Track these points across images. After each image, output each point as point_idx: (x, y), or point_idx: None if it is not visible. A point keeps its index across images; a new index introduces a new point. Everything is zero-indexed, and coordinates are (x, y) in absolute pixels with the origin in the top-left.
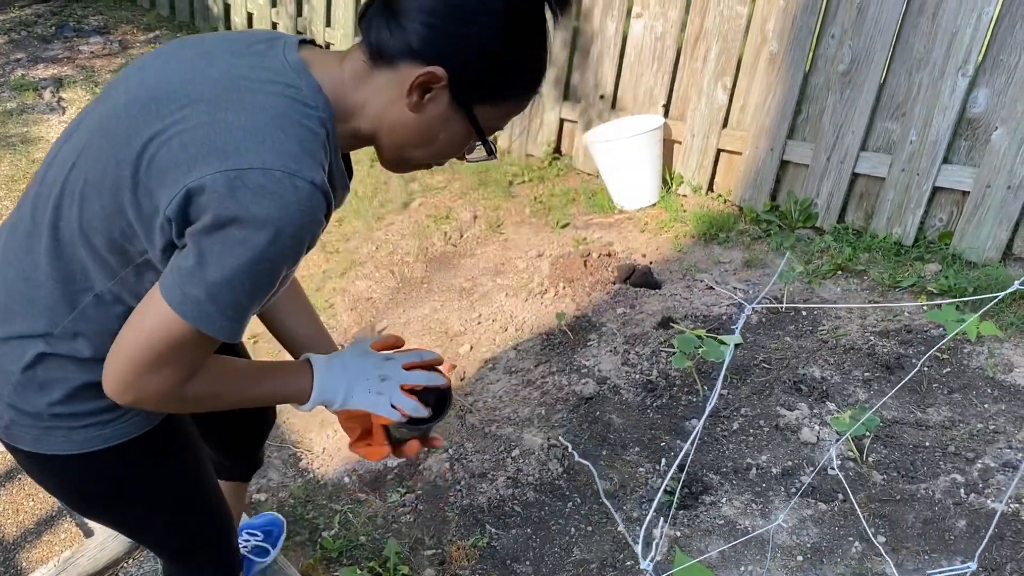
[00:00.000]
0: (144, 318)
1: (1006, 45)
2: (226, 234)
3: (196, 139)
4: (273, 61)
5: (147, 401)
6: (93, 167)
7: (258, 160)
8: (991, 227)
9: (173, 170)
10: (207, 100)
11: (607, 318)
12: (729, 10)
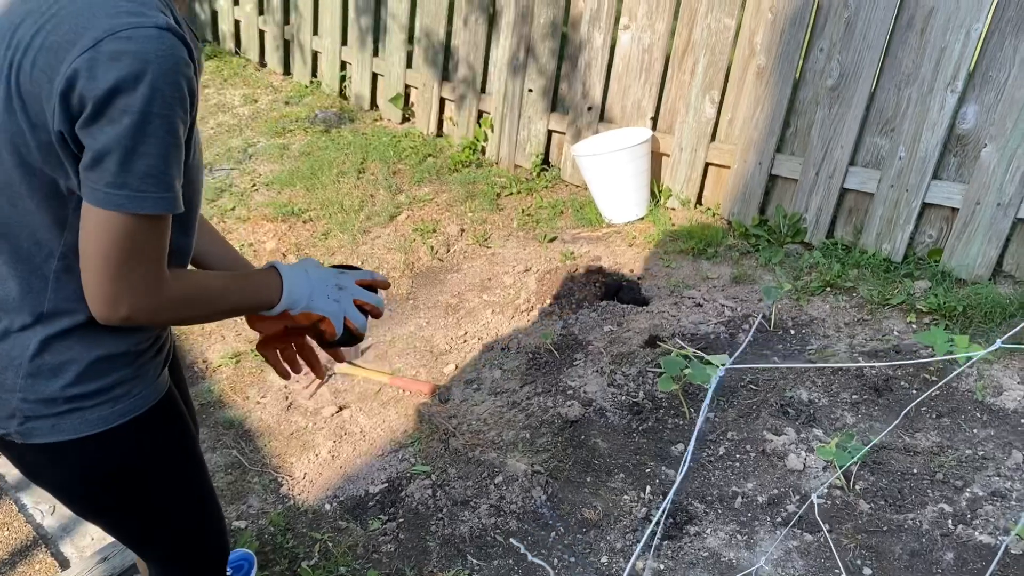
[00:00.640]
0: (90, 235)
1: (995, 61)
2: (109, 114)
3: (45, 47)
4: None
5: (139, 309)
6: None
7: (101, 30)
8: (981, 245)
9: (43, 86)
10: (33, 11)
11: (594, 336)
12: (717, 23)
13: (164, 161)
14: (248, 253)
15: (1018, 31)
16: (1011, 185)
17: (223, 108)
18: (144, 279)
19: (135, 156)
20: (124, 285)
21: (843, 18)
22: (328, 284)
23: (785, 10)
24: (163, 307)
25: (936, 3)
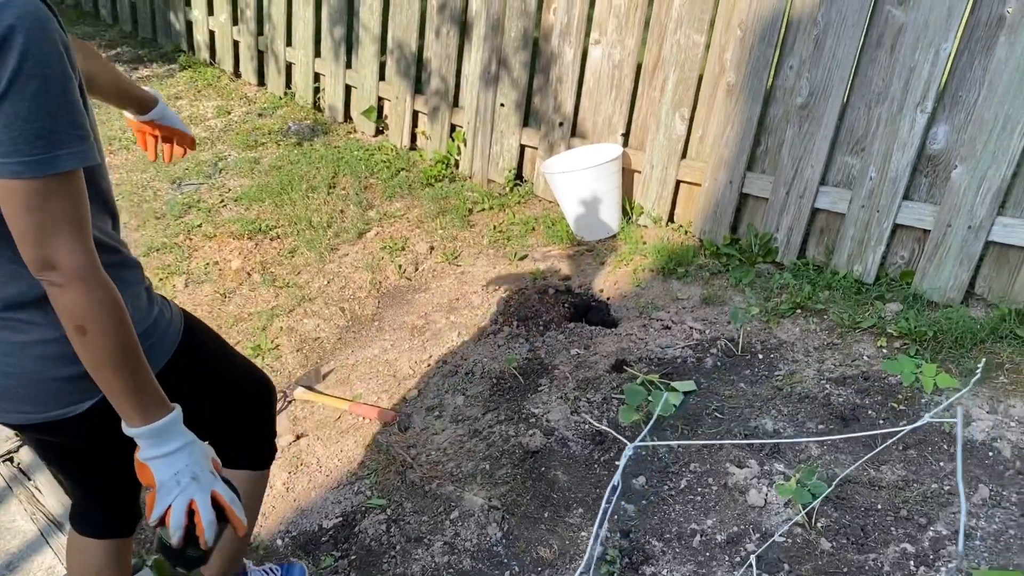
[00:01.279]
0: (13, 207)
1: (965, 81)
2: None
3: None
4: None
5: (81, 267)
6: None
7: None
8: (952, 267)
9: None
10: None
11: (560, 360)
12: (686, 39)
13: (54, 120)
14: (213, 272)
15: (987, 51)
16: (982, 207)
17: (196, 120)
18: (74, 239)
19: (29, 123)
20: (61, 247)
21: (812, 35)
22: (191, 467)
23: (754, 27)
24: (96, 276)
25: (905, 21)
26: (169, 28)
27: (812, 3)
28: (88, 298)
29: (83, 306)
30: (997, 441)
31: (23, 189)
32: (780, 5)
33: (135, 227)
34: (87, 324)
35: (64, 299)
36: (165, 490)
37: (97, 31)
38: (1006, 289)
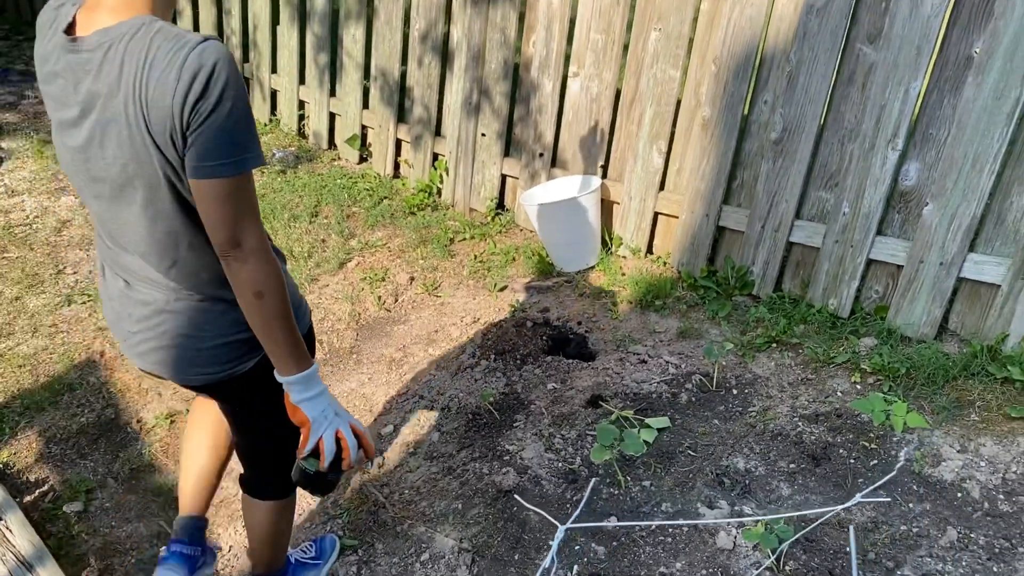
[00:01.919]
0: (211, 200)
1: (935, 119)
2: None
3: None
4: None
5: (260, 244)
6: None
7: None
8: (925, 303)
9: None
10: None
11: (536, 395)
12: (662, 73)
13: (249, 132)
14: None
15: (956, 91)
16: (953, 244)
17: None
18: (256, 224)
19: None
20: (249, 231)
21: (785, 72)
22: (333, 405)
23: (728, 63)
24: (270, 259)
25: (876, 60)
26: None
27: (785, 40)
28: (265, 269)
29: (262, 275)
30: (966, 481)
31: (221, 185)
32: (753, 42)
33: None
34: (264, 289)
35: (246, 270)
36: (316, 424)
37: None
38: (978, 325)
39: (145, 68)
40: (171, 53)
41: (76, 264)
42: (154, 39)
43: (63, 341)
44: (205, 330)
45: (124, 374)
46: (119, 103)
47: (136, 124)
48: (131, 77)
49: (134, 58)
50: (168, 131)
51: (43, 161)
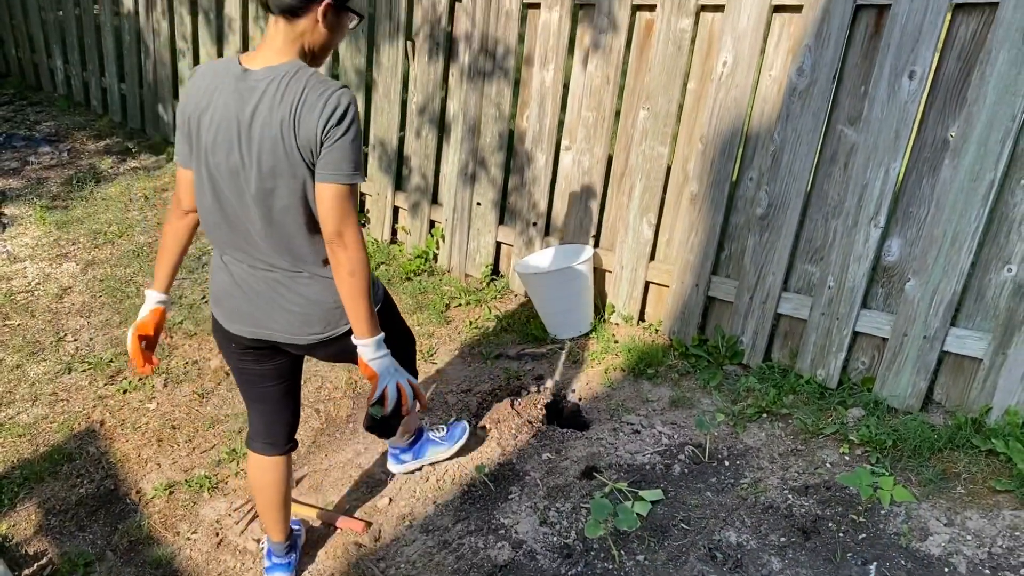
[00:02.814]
0: (330, 201)
1: (915, 198)
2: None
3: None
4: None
5: (357, 237)
6: None
7: None
8: (910, 375)
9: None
10: None
11: (531, 465)
12: (651, 150)
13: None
14: (192, 371)
15: (934, 171)
16: (935, 319)
17: None
18: (355, 223)
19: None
20: (350, 226)
21: (769, 151)
22: (394, 364)
23: (714, 141)
24: (361, 250)
25: (856, 141)
26: (158, 120)
27: (769, 121)
28: (358, 255)
29: (356, 259)
30: (953, 556)
31: (336, 189)
32: (738, 122)
33: (117, 323)
34: (356, 270)
35: (345, 255)
36: (382, 378)
37: (87, 121)
38: (962, 397)
39: (301, 99)
40: (319, 92)
41: (77, 331)
42: (308, 80)
43: (63, 410)
44: (315, 301)
45: (123, 443)
46: (277, 120)
47: (288, 136)
48: (289, 103)
49: (292, 90)
50: (309, 145)
51: (45, 227)
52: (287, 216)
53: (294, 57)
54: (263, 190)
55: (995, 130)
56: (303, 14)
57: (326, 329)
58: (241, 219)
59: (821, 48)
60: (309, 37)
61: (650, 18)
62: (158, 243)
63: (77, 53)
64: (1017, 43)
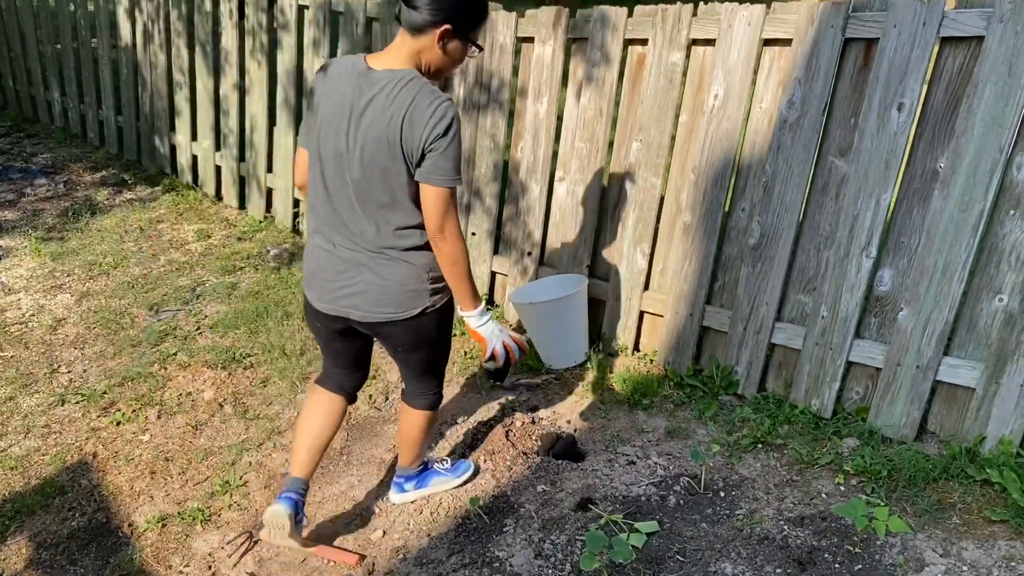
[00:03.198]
0: (434, 201)
1: (906, 228)
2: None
3: None
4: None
5: (456, 232)
6: None
7: None
8: (904, 405)
9: None
10: None
11: (526, 497)
12: (644, 180)
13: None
14: (186, 403)
15: (924, 202)
16: (928, 348)
17: (175, 245)
18: (455, 217)
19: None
20: (451, 221)
21: (761, 181)
22: (497, 326)
23: (706, 172)
24: (460, 239)
25: (847, 172)
26: (154, 151)
27: (760, 152)
28: (459, 247)
29: (457, 251)
30: None
31: (439, 191)
32: (730, 153)
33: (111, 355)
34: (457, 259)
35: (447, 247)
36: (489, 341)
37: (84, 152)
38: (956, 427)
39: (412, 103)
40: (429, 100)
41: (71, 363)
42: (421, 88)
43: (56, 442)
44: (391, 281)
45: (116, 476)
46: (387, 116)
47: (393, 134)
48: (402, 105)
49: (405, 95)
50: (412, 147)
51: (40, 259)
52: (377, 202)
53: (412, 67)
54: (361, 176)
55: (983, 161)
56: (425, 32)
57: (398, 310)
58: (338, 198)
59: (811, 81)
60: (427, 54)
61: (642, 52)
62: (152, 274)
63: (75, 85)
64: (1003, 76)
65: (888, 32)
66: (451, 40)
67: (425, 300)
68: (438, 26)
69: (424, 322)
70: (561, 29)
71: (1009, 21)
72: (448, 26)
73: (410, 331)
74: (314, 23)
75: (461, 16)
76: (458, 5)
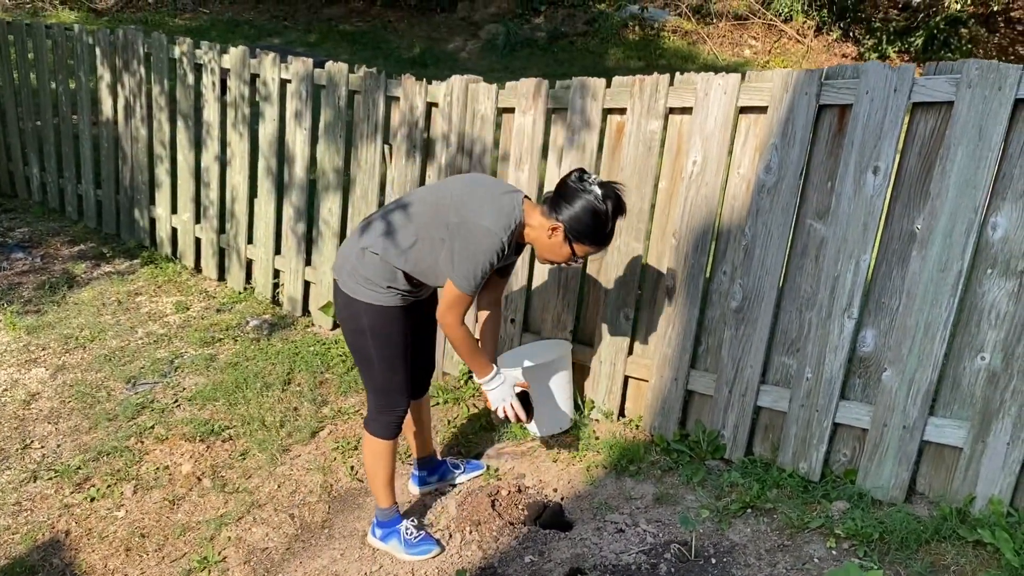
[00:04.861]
0: (447, 292)
1: (886, 289)
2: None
3: None
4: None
5: (455, 324)
6: None
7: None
8: (892, 466)
9: None
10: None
11: (513, 569)
12: (626, 246)
13: (472, 278)
14: (163, 477)
15: (903, 263)
16: (914, 408)
17: (154, 317)
18: (457, 314)
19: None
20: (453, 313)
21: (742, 245)
22: (506, 387)
23: (687, 236)
24: (459, 330)
25: (826, 234)
26: (133, 225)
27: (740, 216)
28: (453, 334)
29: (452, 337)
30: None
31: (458, 292)
32: (710, 218)
33: (86, 429)
34: (455, 344)
35: (447, 332)
36: (494, 403)
37: (62, 227)
38: (945, 487)
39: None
40: None
41: (44, 438)
42: None
43: (27, 520)
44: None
45: (89, 554)
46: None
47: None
48: None
49: None
50: None
51: (15, 332)
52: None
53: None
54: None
55: (959, 222)
56: (547, 215)
57: (343, 280)
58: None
59: (787, 147)
60: (534, 232)
61: (621, 121)
62: (130, 346)
63: (54, 160)
64: (974, 139)
65: (861, 98)
66: (557, 235)
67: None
68: (556, 219)
69: (364, 309)
70: (541, 99)
71: (977, 86)
72: (561, 225)
73: (354, 312)
74: (296, 95)
75: (576, 227)
76: (579, 221)
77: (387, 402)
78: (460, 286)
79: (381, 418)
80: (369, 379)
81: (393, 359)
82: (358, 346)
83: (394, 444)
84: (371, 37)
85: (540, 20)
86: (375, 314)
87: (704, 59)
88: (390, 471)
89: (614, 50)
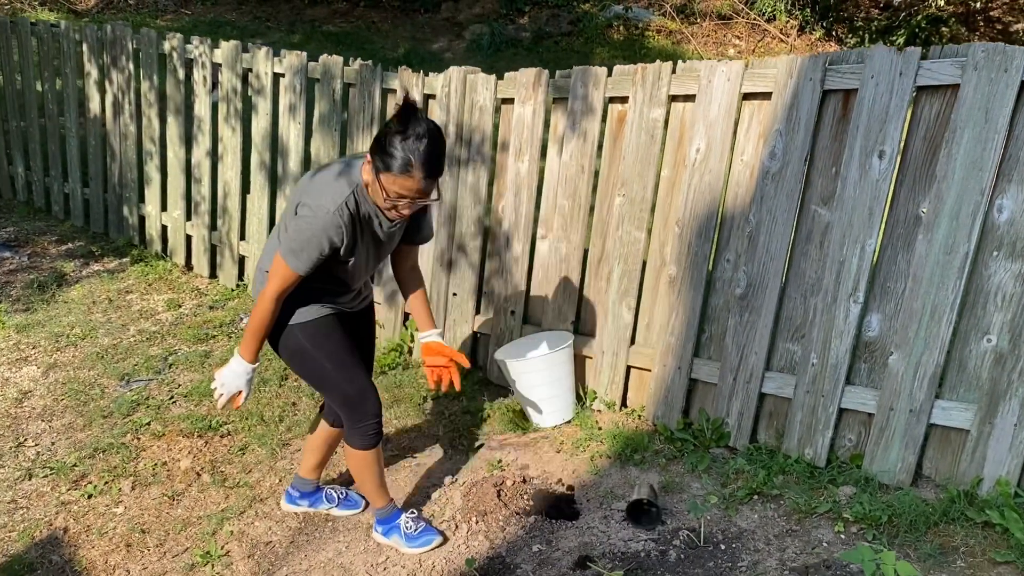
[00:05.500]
0: (273, 263)
1: (892, 273)
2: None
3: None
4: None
5: (270, 297)
6: None
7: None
8: (899, 450)
9: None
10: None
11: (521, 558)
12: (628, 235)
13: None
14: (161, 473)
15: (908, 247)
16: (920, 392)
17: (145, 315)
18: (275, 285)
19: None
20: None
21: (745, 232)
22: (243, 380)
23: (691, 224)
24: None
25: (831, 219)
26: (122, 223)
27: (744, 203)
28: (262, 305)
29: (259, 306)
30: None
31: (282, 264)
32: (713, 205)
33: (81, 427)
34: (255, 313)
35: (258, 301)
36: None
37: (49, 226)
38: (952, 470)
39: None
40: None
41: (38, 436)
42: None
43: (23, 517)
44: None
45: (89, 550)
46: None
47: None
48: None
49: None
50: None
51: (4, 331)
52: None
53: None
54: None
55: (965, 204)
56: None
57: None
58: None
59: (791, 132)
60: (371, 187)
61: (622, 109)
62: (122, 344)
63: (40, 159)
64: (980, 121)
65: (866, 83)
66: (370, 169)
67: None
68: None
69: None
70: (542, 89)
71: (983, 68)
72: (368, 158)
73: (286, 339)
74: (290, 89)
75: (379, 155)
76: (380, 149)
77: (358, 412)
78: (285, 258)
79: (358, 429)
80: (332, 396)
81: (344, 366)
82: (306, 370)
83: (378, 449)
84: (355, 38)
85: (525, 20)
86: (306, 331)
87: (688, 58)
88: (380, 474)
89: (599, 50)
